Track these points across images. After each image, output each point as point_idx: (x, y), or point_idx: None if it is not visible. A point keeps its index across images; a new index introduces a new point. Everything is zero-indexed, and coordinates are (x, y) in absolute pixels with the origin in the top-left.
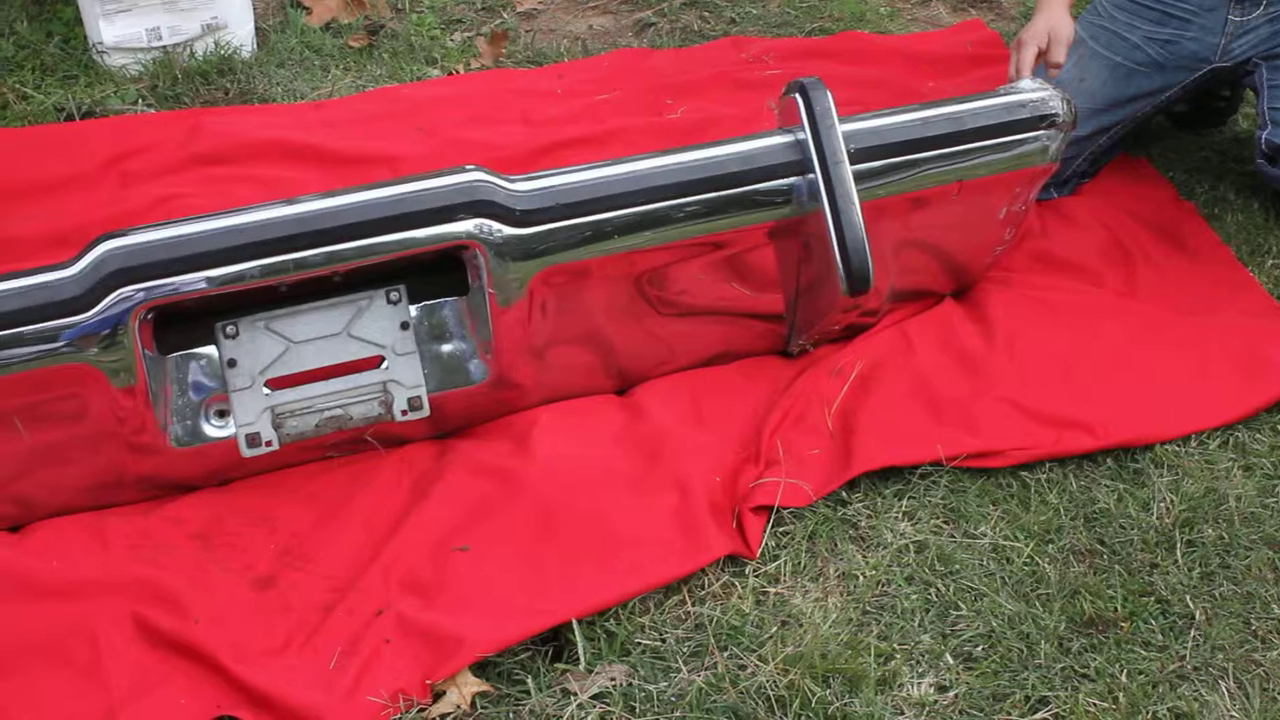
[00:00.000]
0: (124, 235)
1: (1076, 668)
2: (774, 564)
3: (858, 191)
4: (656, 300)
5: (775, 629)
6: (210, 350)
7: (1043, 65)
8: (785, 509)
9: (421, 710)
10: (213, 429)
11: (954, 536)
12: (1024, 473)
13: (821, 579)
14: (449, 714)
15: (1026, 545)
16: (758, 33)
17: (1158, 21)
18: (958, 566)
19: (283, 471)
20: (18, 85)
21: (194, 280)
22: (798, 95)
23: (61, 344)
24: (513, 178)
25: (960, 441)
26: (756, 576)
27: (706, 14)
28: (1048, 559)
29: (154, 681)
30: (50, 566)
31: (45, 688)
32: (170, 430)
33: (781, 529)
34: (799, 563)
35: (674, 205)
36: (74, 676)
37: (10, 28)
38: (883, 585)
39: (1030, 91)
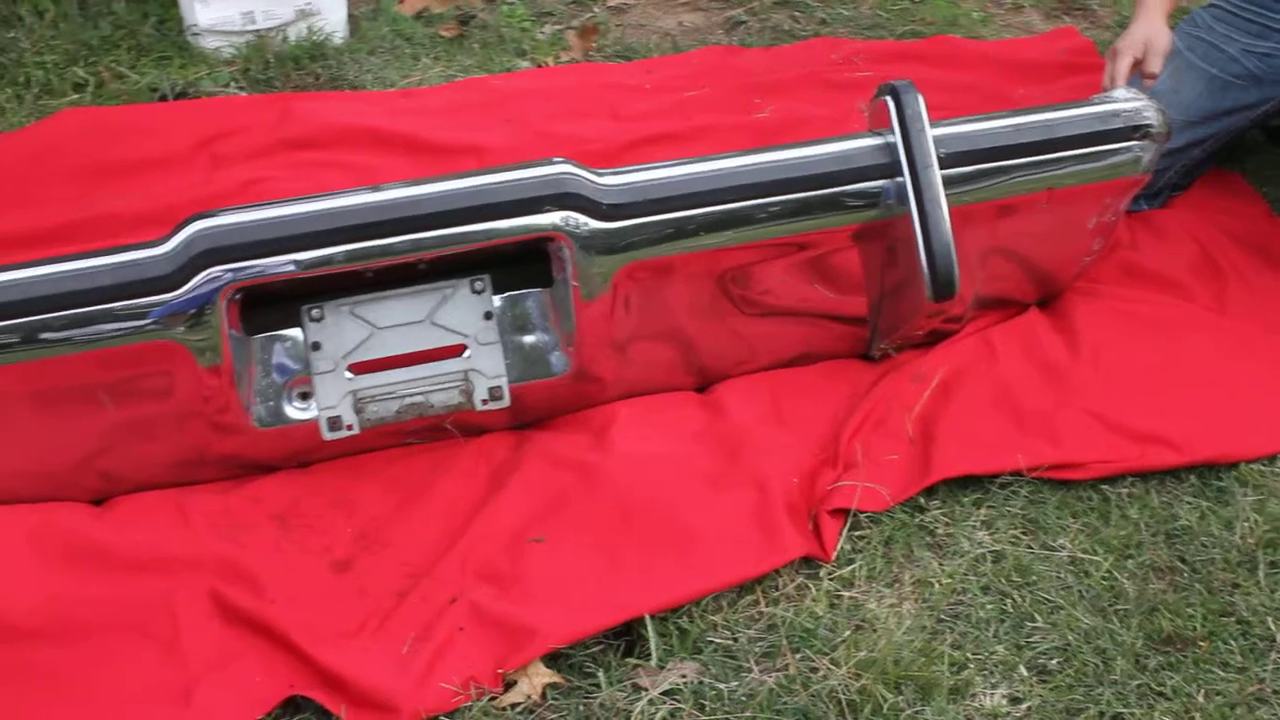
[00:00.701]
0: (214, 216)
1: (1153, 685)
2: (849, 568)
3: (946, 197)
4: (739, 299)
5: (848, 633)
6: (295, 333)
7: (1137, 75)
8: (862, 513)
9: (492, 699)
10: (295, 411)
11: (1032, 547)
12: (1105, 486)
13: (897, 585)
14: (519, 704)
15: (1105, 559)
16: (848, 34)
17: (1257, 34)
18: (1035, 578)
19: (362, 456)
20: (114, 65)
21: (281, 263)
22: (889, 98)
23: (149, 322)
24: (600, 171)
25: (1041, 452)
26: (831, 580)
27: (797, 13)
28: (1126, 574)
29: (230, 658)
30: (132, 540)
31: (125, 658)
32: (253, 411)
33: (858, 533)
34: (874, 567)
35: (761, 205)
36: (153, 649)
37: (108, 7)
38: (958, 594)
39: (1124, 101)
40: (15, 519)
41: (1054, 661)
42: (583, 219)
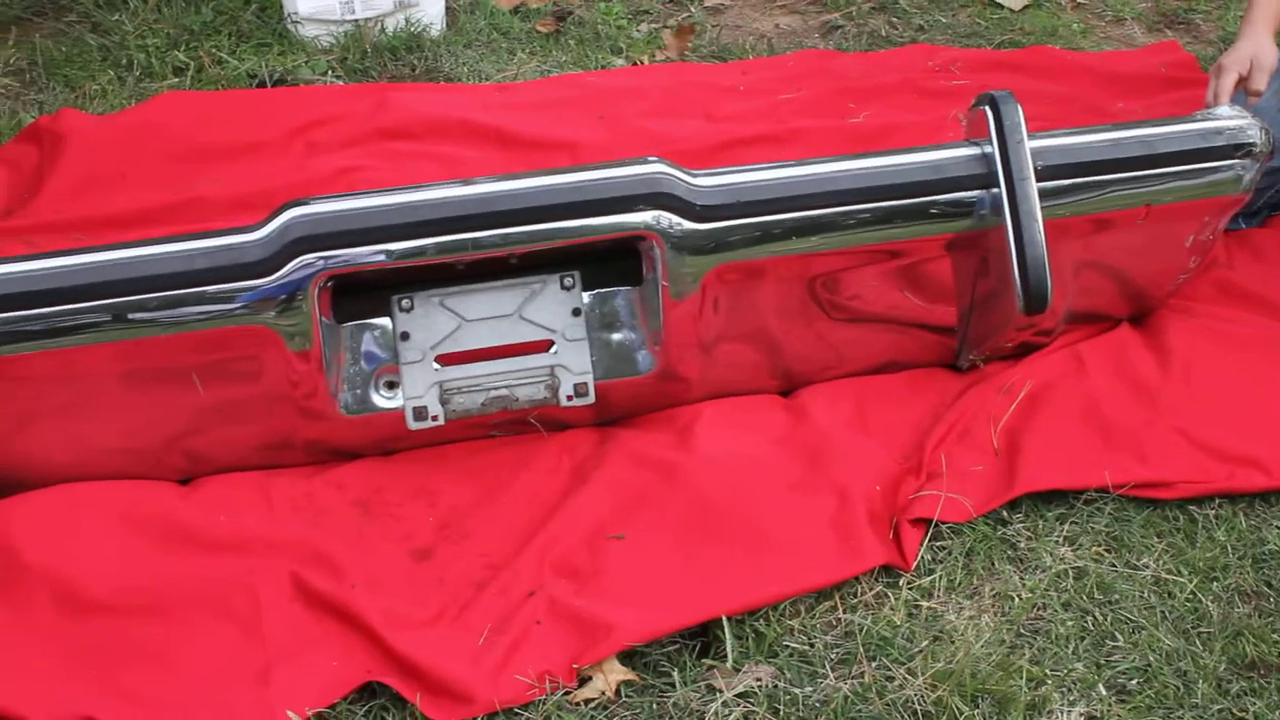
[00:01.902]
0: (309, 203)
1: (1234, 710)
2: (929, 578)
3: (1042, 209)
4: (828, 304)
5: (926, 643)
6: (385, 322)
7: (1241, 92)
8: (944, 523)
9: (566, 693)
10: (381, 399)
11: (1115, 566)
12: (1192, 507)
13: (976, 597)
14: (593, 700)
15: (1190, 581)
16: (946, 42)
17: None
18: (1117, 596)
19: (445, 447)
20: (214, 50)
21: (373, 253)
22: (987, 107)
23: (243, 305)
24: (694, 172)
25: (1129, 470)
26: (910, 589)
27: (895, 19)
28: (1211, 597)
29: (308, 641)
30: (217, 521)
31: (206, 636)
32: (340, 397)
33: (939, 543)
34: (954, 579)
35: (854, 211)
36: (234, 629)
37: None
38: (1038, 609)
39: (1227, 119)
40: (105, 496)
41: (1134, 682)
42: (675, 219)
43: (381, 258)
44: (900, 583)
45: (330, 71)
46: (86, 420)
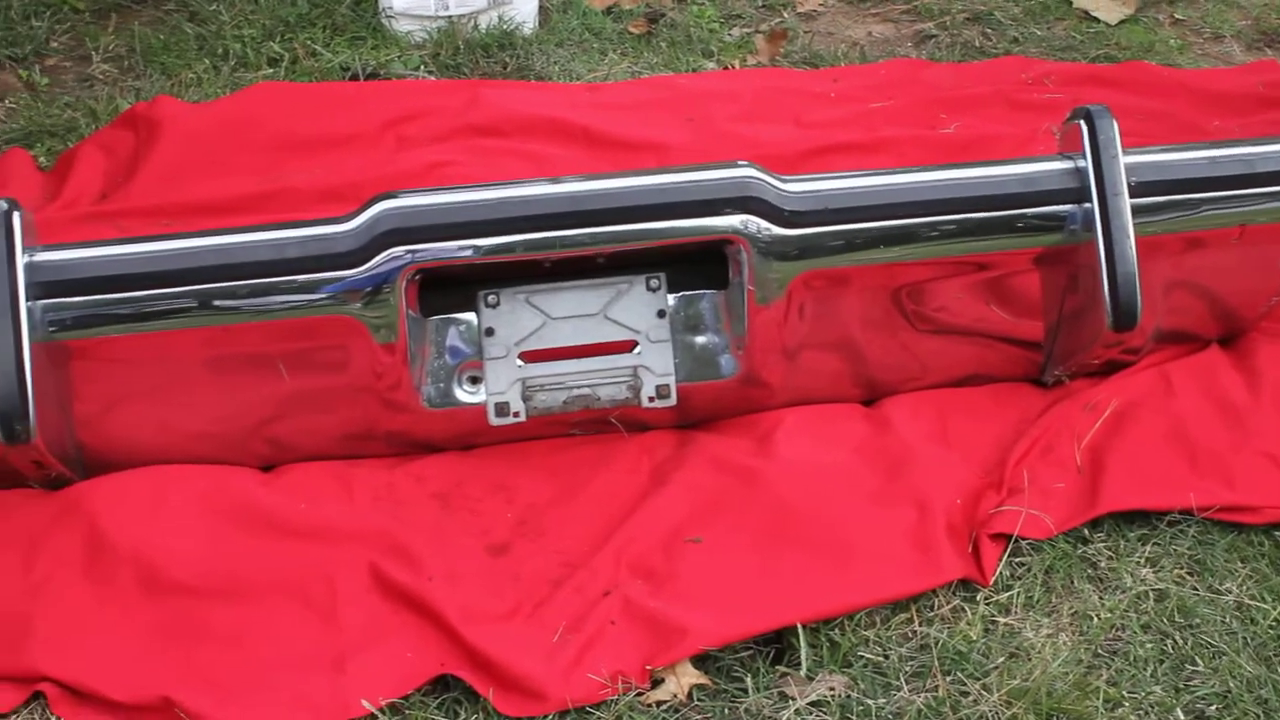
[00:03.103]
0: (400, 197)
1: None
2: (1006, 594)
3: (1134, 226)
4: (914, 315)
5: (1002, 659)
6: (470, 317)
7: None
8: (1024, 539)
9: (639, 694)
10: (464, 394)
11: (1197, 589)
12: (1278, 533)
13: (1054, 615)
14: (665, 702)
15: (1273, 608)
16: (1040, 54)
17: None
18: (1198, 620)
19: (525, 443)
20: (308, 42)
21: (462, 248)
22: (1082, 122)
23: (330, 296)
24: (784, 177)
25: (1214, 493)
26: (988, 604)
27: (989, 30)
28: None
29: (384, 632)
30: (298, 508)
31: (282, 622)
32: (423, 390)
33: (1018, 559)
34: (1032, 595)
35: (944, 221)
36: (310, 616)
37: None
38: (1117, 629)
39: None
40: (188, 479)
41: (1213, 708)
42: (763, 224)
43: (469, 253)
44: (978, 597)
45: (422, 67)
46: (174, 404)
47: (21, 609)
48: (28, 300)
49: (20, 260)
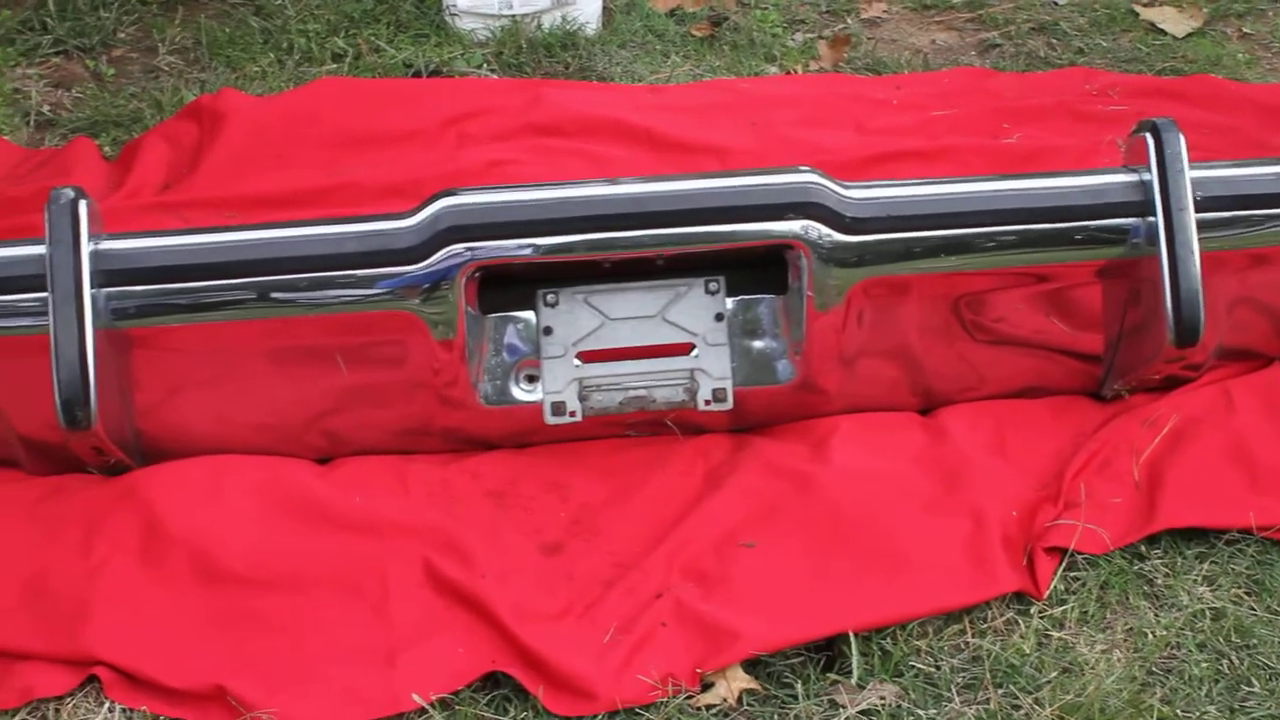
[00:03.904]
0: (461, 194)
1: None
2: (1061, 608)
3: (1199, 241)
4: (972, 324)
5: (1055, 674)
6: (528, 315)
7: None
8: (1080, 554)
9: (689, 697)
10: (521, 392)
11: (1255, 610)
12: None
13: (1109, 631)
14: (715, 706)
15: None
16: (1105, 66)
17: None
18: (1255, 641)
19: (579, 443)
20: (372, 38)
21: (522, 246)
22: (1148, 135)
23: (389, 291)
24: (846, 184)
25: (1275, 512)
26: (1042, 618)
27: (1054, 41)
28: None
29: (435, 627)
30: (352, 502)
31: (335, 615)
32: (480, 388)
33: (1073, 573)
34: (1087, 610)
35: (1005, 232)
36: (363, 609)
37: None
38: (1172, 648)
39: None
40: (245, 470)
41: None
42: (825, 230)
43: (529, 252)
44: (1031, 611)
45: (485, 65)
46: (232, 394)
47: (78, 592)
48: (92, 288)
49: (86, 248)
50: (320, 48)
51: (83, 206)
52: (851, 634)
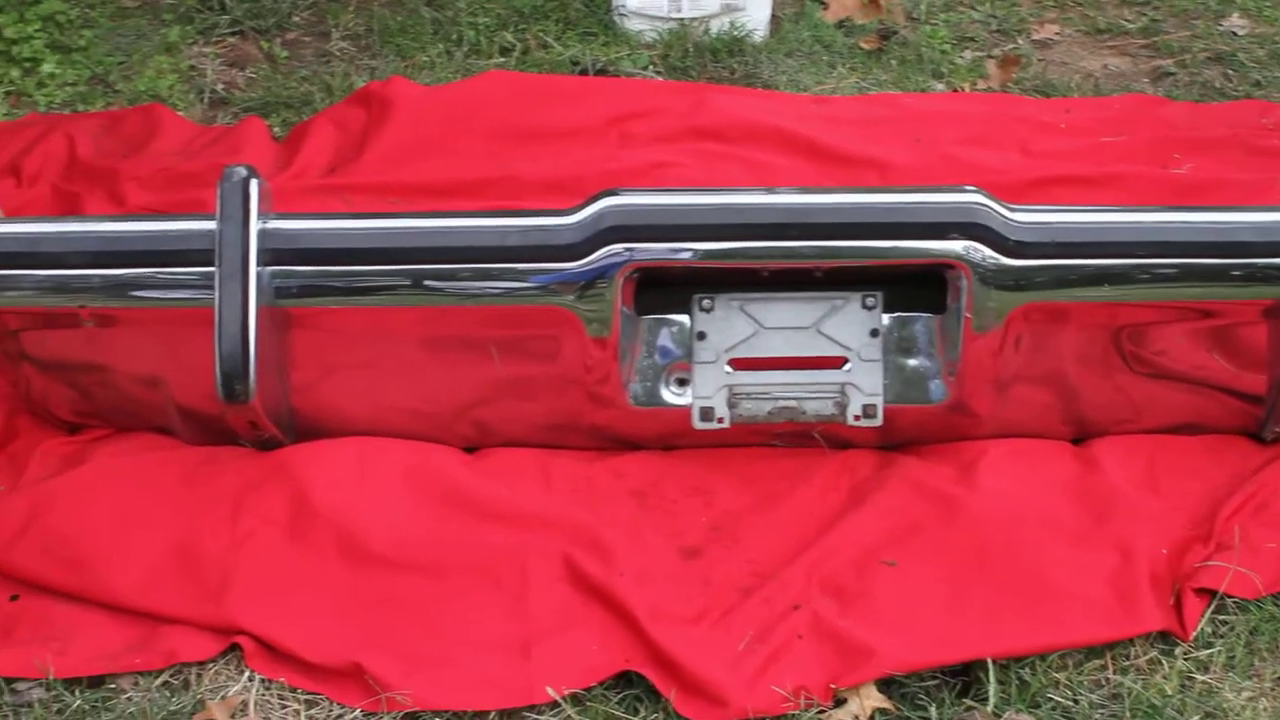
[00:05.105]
0: (624, 194)
1: None
2: (1207, 651)
3: None
4: (1131, 357)
5: (1197, 718)
6: (683, 319)
7: None
8: (1229, 597)
9: (821, 712)
10: (671, 395)
11: None
12: None
13: (1256, 678)
14: None
15: None
16: None
17: None
18: None
19: (724, 450)
20: (541, 34)
21: (683, 250)
22: None
23: (546, 286)
24: (1012, 206)
25: None
26: (1186, 659)
27: (1230, 72)
28: None
29: (572, 622)
30: (498, 492)
31: (474, 603)
32: (630, 388)
33: (1221, 617)
34: (1234, 656)
35: (1172, 264)
36: (500, 599)
37: None
38: None
39: None
40: (395, 455)
41: None
42: (987, 251)
43: (689, 256)
44: (1176, 651)
45: (651, 66)
46: (386, 378)
47: (224, 561)
48: (258, 265)
49: (255, 226)
50: (489, 41)
51: (254, 185)
52: (989, 661)
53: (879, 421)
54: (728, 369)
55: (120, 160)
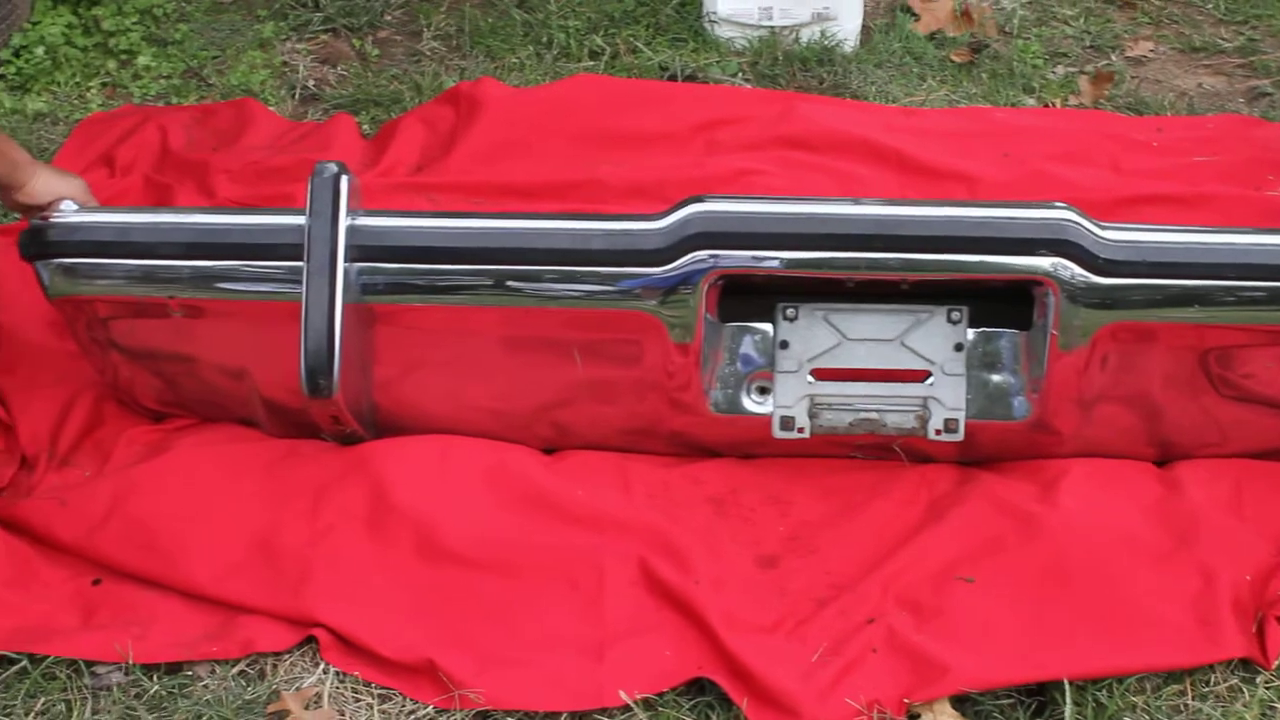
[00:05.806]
0: (711, 201)
1: None
2: None
3: None
4: (1219, 379)
5: None
6: (766, 327)
7: None
8: None
9: None
10: (751, 403)
11: None
12: None
13: None
14: None
15: None
16: None
17: None
18: None
19: (803, 460)
20: (630, 39)
21: (768, 259)
22: None
23: (631, 291)
24: (1102, 224)
25: None
26: (1268, 688)
27: None
28: None
29: (646, 627)
30: (576, 495)
31: (550, 603)
32: (711, 395)
33: None
34: None
35: (1264, 288)
36: (576, 600)
37: None
38: None
39: None
40: (474, 454)
41: None
42: (1076, 269)
43: (774, 264)
44: (1257, 680)
45: (740, 74)
46: (468, 377)
47: (303, 554)
48: (345, 261)
49: (344, 222)
50: (579, 44)
51: (344, 182)
52: (1066, 681)
53: (960, 436)
54: (810, 379)
55: (211, 153)
